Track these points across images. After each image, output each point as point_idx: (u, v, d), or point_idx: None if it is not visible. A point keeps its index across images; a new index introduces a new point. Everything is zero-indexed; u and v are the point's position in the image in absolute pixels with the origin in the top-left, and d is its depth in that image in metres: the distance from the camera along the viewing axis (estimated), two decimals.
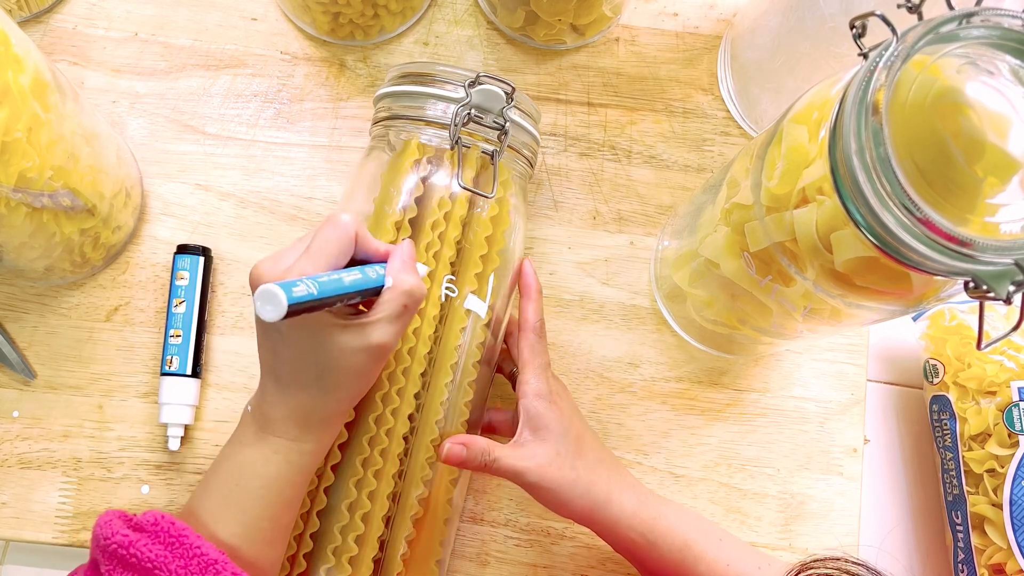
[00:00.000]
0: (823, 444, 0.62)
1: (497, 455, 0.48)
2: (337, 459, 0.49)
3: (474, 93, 0.50)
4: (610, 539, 0.51)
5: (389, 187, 0.51)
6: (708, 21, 0.68)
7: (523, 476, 0.48)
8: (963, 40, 0.35)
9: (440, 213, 0.50)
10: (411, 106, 0.52)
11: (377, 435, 0.49)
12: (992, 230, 0.33)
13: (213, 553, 0.40)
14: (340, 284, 0.40)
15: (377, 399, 0.49)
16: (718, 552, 0.50)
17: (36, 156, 0.46)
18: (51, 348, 0.60)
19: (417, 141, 0.51)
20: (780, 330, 0.52)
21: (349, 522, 0.48)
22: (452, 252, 0.50)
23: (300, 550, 0.49)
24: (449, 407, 0.51)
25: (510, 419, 0.55)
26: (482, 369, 0.53)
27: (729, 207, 0.48)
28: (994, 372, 0.58)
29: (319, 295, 0.38)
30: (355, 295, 0.41)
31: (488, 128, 0.51)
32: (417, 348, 0.49)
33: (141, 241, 0.62)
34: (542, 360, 0.52)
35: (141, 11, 0.66)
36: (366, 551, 0.49)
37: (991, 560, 0.57)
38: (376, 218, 0.51)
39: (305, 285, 0.38)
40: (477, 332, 0.51)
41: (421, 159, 0.51)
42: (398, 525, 0.50)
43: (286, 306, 0.36)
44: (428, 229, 0.50)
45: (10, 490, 0.58)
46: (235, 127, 0.64)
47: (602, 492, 0.49)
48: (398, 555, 0.50)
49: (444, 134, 0.51)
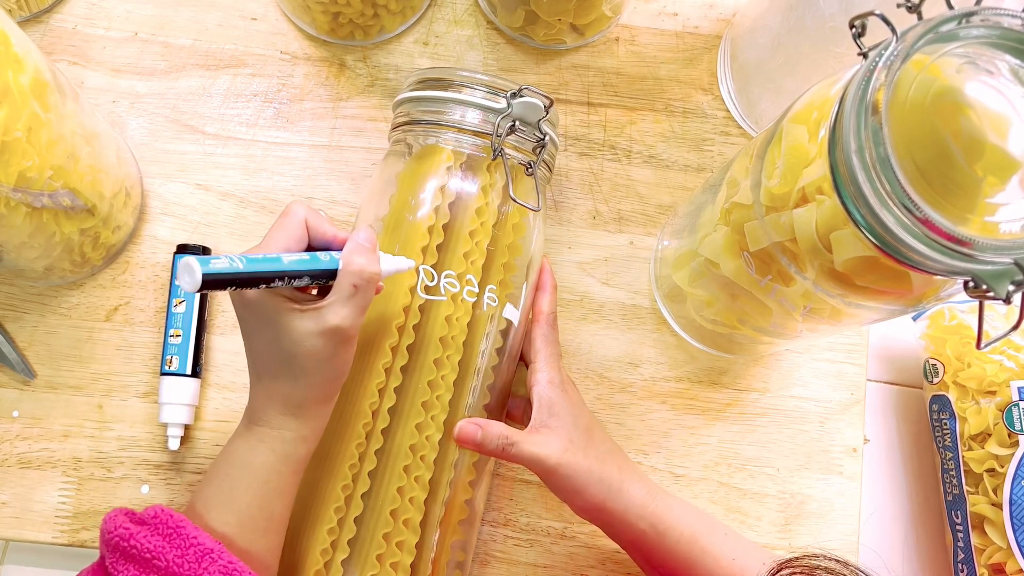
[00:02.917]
0: (823, 444, 0.62)
1: (516, 440, 0.48)
2: (373, 464, 0.49)
3: (516, 105, 0.50)
4: (617, 530, 0.50)
5: (408, 189, 0.51)
6: (708, 21, 0.68)
7: (543, 462, 0.48)
8: (963, 40, 0.35)
9: (479, 222, 0.50)
10: (436, 111, 0.52)
11: (419, 441, 0.49)
12: (992, 229, 0.33)
13: (209, 543, 0.41)
14: (277, 263, 0.41)
15: (419, 405, 0.49)
16: (724, 546, 0.50)
17: (36, 156, 0.46)
18: (51, 348, 0.60)
19: (452, 148, 0.51)
20: (780, 330, 0.52)
21: (394, 528, 0.48)
22: (483, 260, 0.51)
23: (336, 556, 0.49)
24: (471, 410, 0.51)
25: (522, 407, 0.56)
26: (504, 369, 0.53)
27: (729, 207, 0.48)
28: (994, 372, 0.58)
29: (245, 270, 0.40)
30: (301, 275, 0.42)
31: (523, 139, 0.52)
32: (451, 356, 0.49)
33: (141, 241, 0.62)
34: (554, 350, 0.53)
35: (141, 11, 0.66)
36: (405, 556, 0.49)
37: (991, 560, 0.57)
38: (394, 219, 0.51)
39: (228, 260, 0.39)
40: (498, 337, 0.52)
41: (454, 165, 0.51)
42: (428, 529, 0.50)
43: (200, 276, 0.38)
44: (467, 237, 0.50)
45: (10, 490, 0.58)
46: (235, 127, 0.64)
47: (615, 480, 0.49)
48: (429, 557, 0.50)
49: (472, 140, 0.51)
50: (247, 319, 0.44)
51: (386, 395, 0.49)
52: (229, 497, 0.44)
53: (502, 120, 0.50)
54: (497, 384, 0.52)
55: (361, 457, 0.49)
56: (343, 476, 0.49)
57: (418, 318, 0.49)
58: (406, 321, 0.49)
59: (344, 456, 0.49)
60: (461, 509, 0.52)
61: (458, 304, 0.50)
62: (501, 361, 0.52)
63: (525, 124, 0.52)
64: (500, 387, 0.53)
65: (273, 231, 0.44)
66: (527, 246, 0.53)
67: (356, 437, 0.49)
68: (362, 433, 0.49)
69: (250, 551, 0.44)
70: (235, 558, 0.41)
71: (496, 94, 0.51)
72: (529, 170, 0.52)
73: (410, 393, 0.49)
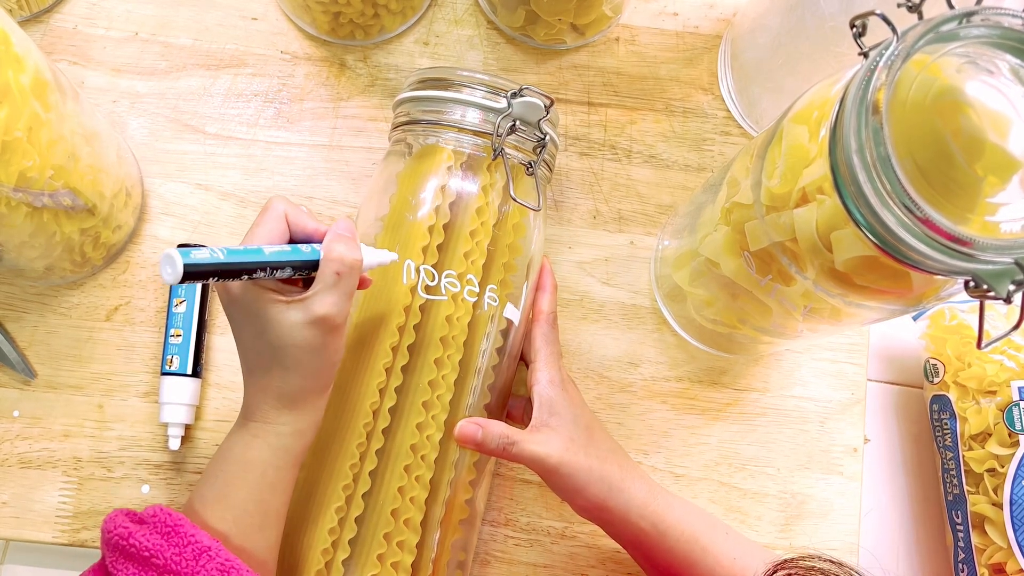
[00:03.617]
0: (823, 444, 0.62)
1: (517, 439, 0.48)
2: (373, 464, 0.49)
3: (516, 104, 0.50)
4: (618, 529, 0.50)
5: (409, 188, 0.51)
6: (708, 21, 0.68)
7: (544, 461, 0.48)
8: (963, 39, 0.35)
9: (479, 221, 0.50)
10: (436, 111, 0.52)
11: (420, 440, 0.49)
12: (992, 229, 0.33)
13: (206, 540, 0.41)
14: (258, 254, 0.41)
15: (420, 404, 0.49)
16: (725, 546, 0.50)
17: (36, 155, 0.46)
18: (51, 348, 0.60)
19: (452, 147, 0.51)
20: (780, 329, 0.52)
21: (395, 527, 0.48)
22: (484, 259, 0.51)
23: (337, 555, 0.49)
24: (471, 410, 0.51)
25: (522, 406, 0.56)
26: (504, 368, 0.53)
27: (729, 206, 0.48)
28: (994, 372, 0.58)
29: (226, 260, 0.40)
30: (283, 266, 0.42)
31: (523, 139, 0.52)
32: (452, 356, 0.49)
33: (141, 240, 0.62)
34: (554, 349, 0.53)
35: (141, 11, 0.66)
36: (406, 556, 0.49)
37: (991, 560, 0.57)
38: (394, 219, 0.51)
39: (209, 251, 0.40)
40: (498, 336, 0.52)
41: (455, 164, 0.51)
42: (429, 528, 0.50)
43: (182, 266, 0.38)
44: (467, 236, 0.50)
45: (10, 490, 0.58)
46: (235, 127, 0.64)
47: (616, 479, 0.49)
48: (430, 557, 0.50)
49: (472, 140, 0.51)
50: (234, 314, 0.44)
51: (387, 395, 0.49)
52: (225, 494, 0.44)
53: (502, 120, 0.50)
54: (498, 384, 0.52)
55: (362, 456, 0.49)
56: (344, 475, 0.49)
57: (419, 318, 0.49)
58: (407, 321, 0.49)
59: (345, 455, 0.49)
60: (462, 509, 0.52)
61: (459, 304, 0.50)
62: (502, 360, 0.52)
63: (525, 124, 0.52)
64: (501, 387, 0.53)
65: (254, 227, 0.44)
66: (527, 246, 0.53)
67: (357, 436, 0.49)
68: (363, 432, 0.49)
69: (247, 547, 0.44)
70: (232, 555, 0.41)
71: (496, 94, 0.51)
72: (529, 170, 0.52)
73: (411, 393, 0.49)
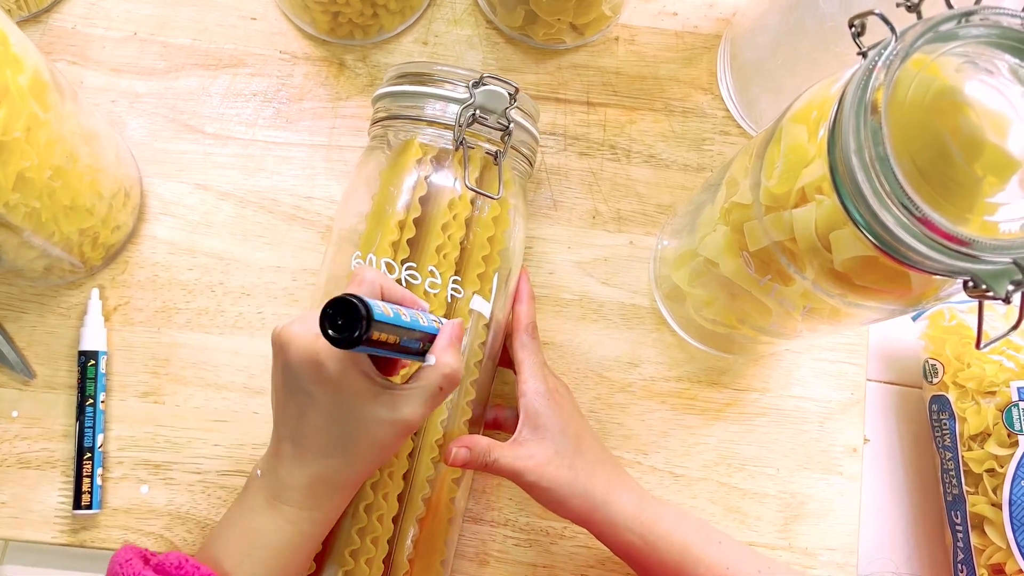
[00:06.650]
0: (823, 444, 0.62)
1: (496, 455, 0.48)
2: None
3: (478, 94, 0.50)
4: (608, 541, 0.50)
5: (388, 186, 0.51)
6: (708, 20, 0.68)
7: (521, 476, 0.48)
8: (962, 39, 0.35)
9: (451, 215, 0.50)
10: (411, 106, 0.52)
11: None
12: (991, 229, 0.33)
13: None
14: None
15: None
16: (718, 555, 0.49)
17: (35, 156, 0.46)
18: (50, 348, 0.60)
19: (418, 140, 0.51)
20: (779, 329, 0.52)
21: (367, 524, 0.48)
22: (457, 253, 0.50)
23: None
24: (453, 407, 0.51)
25: (514, 416, 0.56)
26: (484, 368, 0.53)
27: (728, 206, 0.48)
28: (993, 372, 0.58)
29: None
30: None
31: (491, 128, 0.51)
32: None
33: (140, 241, 0.62)
34: (537, 359, 0.53)
35: (140, 10, 0.66)
36: (379, 552, 0.49)
37: (990, 560, 0.57)
38: (375, 215, 0.51)
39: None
40: (479, 332, 0.52)
41: (424, 158, 0.51)
42: (405, 525, 0.50)
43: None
44: (439, 230, 0.50)
45: (9, 490, 0.58)
46: (234, 126, 0.64)
47: (600, 492, 0.49)
48: (404, 556, 0.50)
49: (445, 134, 0.51)
50: (314, 393, 0.40)
51: None
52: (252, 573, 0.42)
53: (463, 109, 0.50)
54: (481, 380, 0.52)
55: None
56: None
57: None
58: None
59: None
60: (445, 506, 0.52)
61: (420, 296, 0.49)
62: (484, 357, 0.52)
63: (488, 112, 0.51)
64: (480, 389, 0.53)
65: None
66: (509, 239, 0.53)
67: None
68: None
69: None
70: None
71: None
72: (496, 160, 0.52)
73: None
